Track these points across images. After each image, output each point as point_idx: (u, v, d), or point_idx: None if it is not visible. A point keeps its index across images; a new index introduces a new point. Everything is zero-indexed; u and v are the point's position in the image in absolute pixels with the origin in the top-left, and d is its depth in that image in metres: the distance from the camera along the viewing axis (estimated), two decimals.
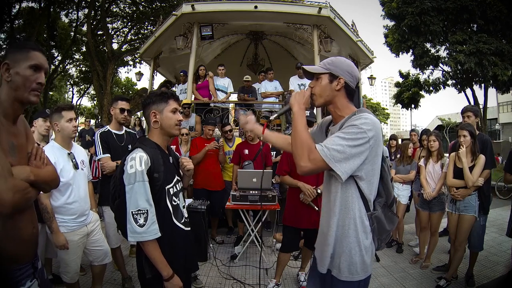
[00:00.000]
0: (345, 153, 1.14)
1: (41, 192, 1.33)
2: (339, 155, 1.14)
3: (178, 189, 1.54)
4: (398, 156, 4.17)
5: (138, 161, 1.33)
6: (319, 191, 2.64)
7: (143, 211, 1.31)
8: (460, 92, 15.20)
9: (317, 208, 2.65)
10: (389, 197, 1.30)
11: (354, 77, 1.30)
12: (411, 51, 14.37)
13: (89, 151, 4.74)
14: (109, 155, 2.61)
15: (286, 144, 1.50)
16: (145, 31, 17.43)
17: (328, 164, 1.15)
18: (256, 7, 5.41)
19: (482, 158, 2.84)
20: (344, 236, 1.26)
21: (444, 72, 15.01)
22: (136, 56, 17.68)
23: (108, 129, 2.70)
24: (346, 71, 1.28)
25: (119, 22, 18.23)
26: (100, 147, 2.60)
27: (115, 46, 17.97)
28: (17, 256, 1.11)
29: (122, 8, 17.36)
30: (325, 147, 1.16)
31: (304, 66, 1.36)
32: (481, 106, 15.01)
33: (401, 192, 3.96)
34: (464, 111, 3.25)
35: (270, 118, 1.52)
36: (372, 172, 1.23)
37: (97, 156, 2.66)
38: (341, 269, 1.26)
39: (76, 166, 2.15)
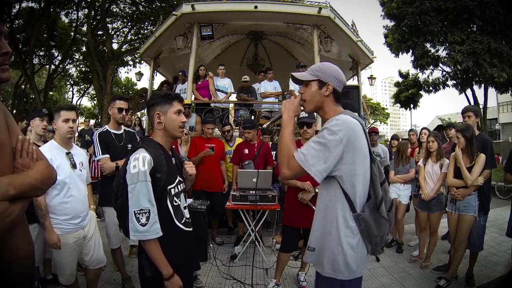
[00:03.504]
0: (318, 156, 1.21)
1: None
2: (312, 159, 1.21)
3: (180, 190, 1.55)
4: (395, 156, 4.13)
5: (141, 161, 1.35)
6: (317, 190, 2.65)
7: (145, 211, 1.33)
8: (461, 93, 15.20)
9: (314, 208, 2.65)
10: (377, 199, 1.30)
11: (341, 82, 1.36)
12: (411, 51, 14.37)
13: (87, 151, 4.74)
14: (108, 155, 2.60)
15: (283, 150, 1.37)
16: (145, 31, 17.40)
17: (304, 168, 1.22)
18: (256, 7, 5.41)
19: (482, 157, 2.83)
20: (327, 233, 1.30)
21: (444, 72, 15.02)
22: (136, 56, 17.66)
23: (107, 129, 2.70)
24: (334, 76, 1.34)
25: (119, 22, 18.20)
26: (99, 148, 2.59)
27: (115, 46, 17.96)
28: (14, 279, 0.93)
29: (122, 8, 17.33)
30: (301, 153, 1.24)
31: (293, 74, 1.41)
32: (481, 106, 15.02)
33: (402, 192, 3.95)
34: (464, 111, 3.25)
35: (263, 126, 1.54)
36: (353, 173, 1.25)
37: (96, 156, 2.66)
38: (323, 266, 1.30)
39: (73, 166, 2.13)
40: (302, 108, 1.41)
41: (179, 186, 1.54)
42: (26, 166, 0.93)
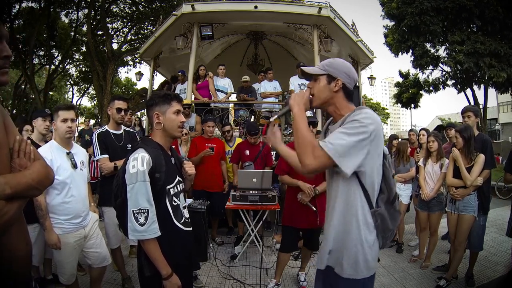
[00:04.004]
0: (348, 147, 1.14)
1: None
2: (343, 150, 1.14)
3: (179, 189, 1.55)
4: (395, 156, 4.12)
5: (140, 161, 1.35)
6: (317, 191, 2.65)
7: (144, 210, 1.33)
8: (460, 92, 15.20)
9: (314, 209, 2.66)
10: (391, 194, 1.29)
11: (352, 78, 1.31)
12: (411, 51, 14.37)
13: (87, 151, 4.73)
14: (107, 155, 2.60)
15: (293, 158, 1.43)
16: (145, 31, 17.40)
17: (333, 159, 1.15)
18: (256, 7, 5.41)
19: (481, 158, 2.83)
20: (346, 232, 1.25)
21: (444, 72, 15.02)
22: (136, 56, 17.66)
23: (106, 129, 2.70)
24: (344, 72, 1.29)
25: (119, 22, 18.20)
26: (98, 148, 2.59)
27: (115, 46, 17.95)
28: (14, 279, 0.93)
29: (122, 8, 17.34)
30: (329, 142, 1.16)
31: (302, 67, 1.37)
32: (481, 106, 15.01)
33: (403, 192, 3.95)
34: (464, 111, 3.24)
35: (270, 120, 1.50)
36: (374, 167, 1.23)
37: (95, 157, 2.66)
38: (343, 267, 1.25)
39: (74, 166, 2.13)
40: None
41: (178, 186, 1.54)
42: (23, 166, 0.94)
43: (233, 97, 6.14)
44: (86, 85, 24.82)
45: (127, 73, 50.80)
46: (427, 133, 4.06)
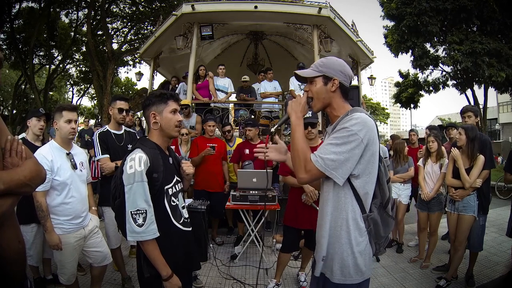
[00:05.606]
0: (339, 159, 1.15)
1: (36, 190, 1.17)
2: (333, 163, 1.15)
3: (178, 189, 1.55)
4: (391, 155, 4.10)
5: (137, 162, 1.34)
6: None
7: (142, 211, 1.32)
8: (461, 93, 15.18)
9: (318, 209, 2.65)
10: (384, 198, 1.27)
11: (348, 75, 1.29)
12: (410, 51, 14.36)
13: (88, 152, 4.72)
14: (108, 155, 2.59)
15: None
16: (145, 31, 17.41)
17: (324, 173, 1.17)
18: (256, 7, 5.42)
19: (481, 159, 2.82)
20: (336, 237, 1.23)
21: (444, 72, 15.01)
22: (136, 56, 17.66)
23: (107, 129, 2.69)
24: (339, 70, 1.27)
25: (119, 22, 18.20)
26: (99, 148, 2.58)
27: (115, 46, 17.95)
28: (9, 277, 0.94)
29: (122, 8, 17.34)
30: (319, 157, 1.17)
31: (296, 72, 1.34)
32: (481, 106, 15.01)
33: (402, 192, 3.95)
34: (464, 111, 3.24)
35: (271, 130, 1.49)
36: (368, 171, 1.20)
37: (96, 156, 2.65)
38: (333, 271, 1.24)
39: (74, 166, 2.13)
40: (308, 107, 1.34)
41: (176, 186, 1.54)
42: (15, 165, 0.96)
43: (233, 97, 6.14)
44: (86, 85, 24.81)
45: (127, 73, 50.89)
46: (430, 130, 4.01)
